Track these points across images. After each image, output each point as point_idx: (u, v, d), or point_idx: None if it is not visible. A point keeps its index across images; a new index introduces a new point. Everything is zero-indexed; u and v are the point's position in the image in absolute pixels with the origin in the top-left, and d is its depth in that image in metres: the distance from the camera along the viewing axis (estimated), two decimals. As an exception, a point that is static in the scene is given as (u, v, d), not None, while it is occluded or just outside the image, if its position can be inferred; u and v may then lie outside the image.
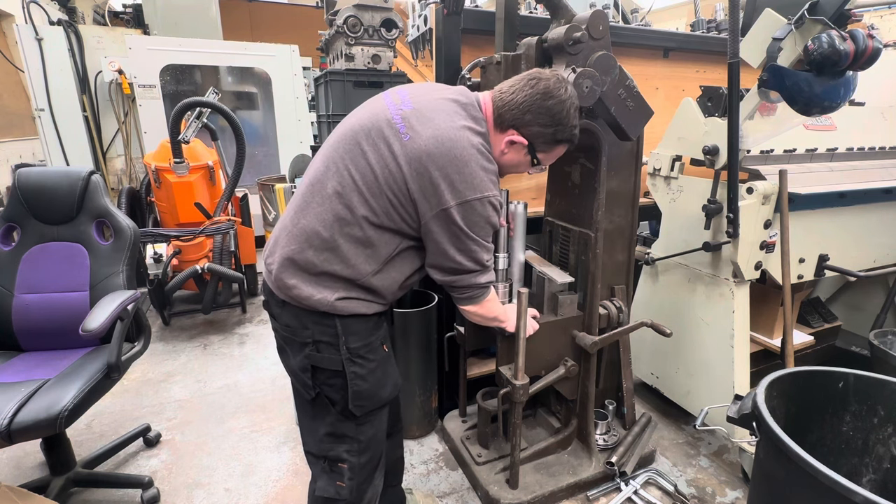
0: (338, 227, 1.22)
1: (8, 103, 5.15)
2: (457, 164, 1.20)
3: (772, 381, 1.40)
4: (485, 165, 1.24)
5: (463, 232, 1.24)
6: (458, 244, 1.26)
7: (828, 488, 1.03)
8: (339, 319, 1.27)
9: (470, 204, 1.22)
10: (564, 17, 1.61)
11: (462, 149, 1.21)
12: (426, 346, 2.23)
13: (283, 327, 1.32)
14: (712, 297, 2.14)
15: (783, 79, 1.71)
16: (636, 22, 3.23)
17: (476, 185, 1.22)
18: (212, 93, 3.48)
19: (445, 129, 1.22)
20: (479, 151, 1.24)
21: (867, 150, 2.35)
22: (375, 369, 1.32)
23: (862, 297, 2.80)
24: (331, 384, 1.29)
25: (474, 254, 1.29)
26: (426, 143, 1.20)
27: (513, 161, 1.37)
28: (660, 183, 2.33)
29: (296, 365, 1.31)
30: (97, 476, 2.02)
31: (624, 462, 2.02)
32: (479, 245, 1.29)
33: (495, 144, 1.34)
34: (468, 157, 1.21)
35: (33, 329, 1.93)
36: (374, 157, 1.22)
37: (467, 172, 1.21)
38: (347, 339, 1.28)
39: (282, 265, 1.26)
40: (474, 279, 1.34)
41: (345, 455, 1.34)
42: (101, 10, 4.58)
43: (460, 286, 1.35)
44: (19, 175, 1.96)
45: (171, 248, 3.21)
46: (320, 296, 1.24)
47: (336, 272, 1.24)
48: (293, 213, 1.29)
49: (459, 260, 1.28)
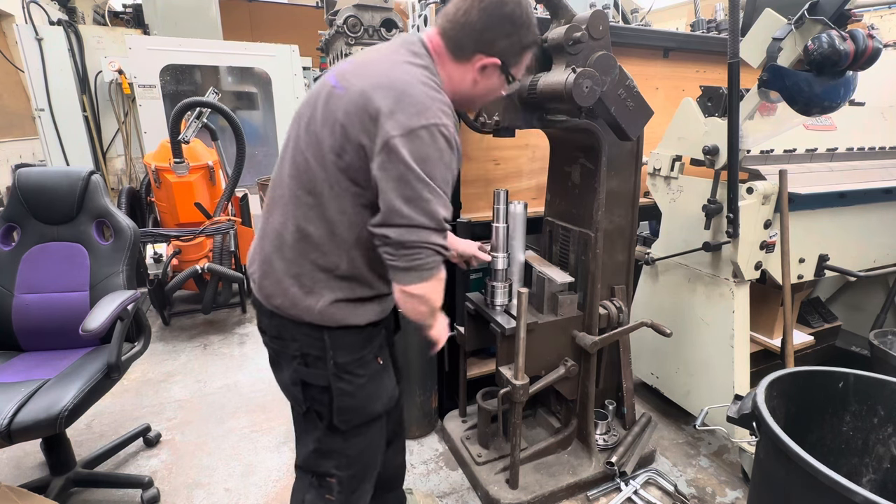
0: (302, 214, 1.15)
1: (8, 103, 5.15)
2: (396, 92, 1.05)
3: (772, 381, 1.40)
4: (430, 93, 1.08)
5: (412, 172, 1.03)
6: (405, 191, 1.04)
7: (828, 488, 1.03)
8: (327, 332, 1.20)
9: (416, 134, 1.03)
10: (564, 17, 1.61)
11: (400, 79, 1.08)
12: (426, 346, 2.23)
13: (272, 340, 1.27)
14: (712, 297, 2.14)
15: (783, 79, 1.71)
16: (636, 22, 3.24)
17: (421, 111, 1.04)
18: (212, 93, 3.48)
19: (381, 67, 1.11)
20: (423, 81, 1.09)
21: (867, 150, 2.35)
22: (365, 384, 1.25)
23: (862, 297, 2.80)
24: (319, 399, 1.24)
25: (428, 204, 1.06)
26: (361, 83, 1.08)
27: (489, 87, 1.24)
28: (660, 183, 2.33)
29: (286, 378, 1.27)
30: (97, 476, 2.02)
31: (624, 462, 2.02)
32: (432, 192, 1.06)
33: (461, 78, 1.20)
34: (408, 83, 1.07)
35: (33, 329, 1.94)
36: (318, 124, 1.12)
37: (409, 99, 1.05)
38: (336, 354, 1.21)
39: (262, 272, 1.22)
40: (428, 235, 1.08)
41: (333, 470, 1.30)
42: (101, 10, 4.58)
43: (409, 243, 1.07)
44: (19, 175, 1.96)
45: (171, 248, 3.21)
46: (305, 304, 1.17)
47: (315, 263, 1.16)
48: (264, 216, 1.25)
49: (408, 213, 1.05)
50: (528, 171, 2.41)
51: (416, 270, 1.11)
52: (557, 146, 2.05)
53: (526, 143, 2.35)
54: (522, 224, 1.92)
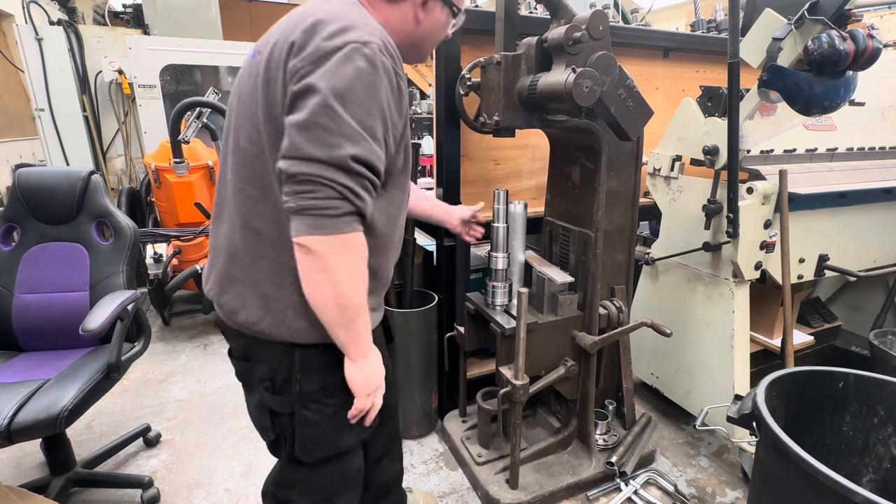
0: (249, 210, 1.01)
1: (8, 103, 5.15)
2: (310, 23, 0.91)
3: (772, 381, 1.40)
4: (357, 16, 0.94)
5: (316, 97, 0.85)
6: (304, 118, 0.86)
7: (828, 488, 1.03)
8: (298, 351, 1.06)
9: (327, 55, 0.86)
10: (564, 17, 1.61)
11: (314, 11, 0.93)
12: (426, 346, 2.23)
13: (239, 361, 1.16)
14: (712, 297, 2.14)
15: (783, 79, 1.71)
16: (636, 22, 3.24)
17: (337, 31, 0.89)
18: (212, 93, 3.48)
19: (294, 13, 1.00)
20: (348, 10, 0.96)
21: (867, 150, 2.35)
22: (333, 416, 1.10)
23: (862, 297, 2.80)
24: (287, 426, 1.12)
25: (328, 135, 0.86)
26: (276, 37, 0.96)
27: (433, 24, 1.12)
28: (660, 183, 2.33)
29: (252, 403, 1.16)
30: (97, 476, 2.02)
31: (624, 462, 2.02)
32: (339, 122, 0.86)
33: (400, 20, 1.07)
34: (323, 13, 0.92)
35: (33, 329, 1.94)
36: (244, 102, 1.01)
37: (324, 23, 0.90)
38: (302, 379, 1.07)
39: (220, 288, 1.09)
40: (329, 172, 0.86)
41: (296, 498, 1.20)
42: (101, 10, 4.58)
43: (303, 178, 0.86)
44: (19, 175, 1.96)
45: (171, 248, 3.21)
46: (269, 319, 1.04)
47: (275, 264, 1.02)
48: (214, 227, 1.13)
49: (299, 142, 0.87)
50: (528, 171, 2.41)
51: (309, 214, 0.87)
52: (557, 146, 2.05)
53: (526, 143, 2.35)
54: (522, 224, 1.92)
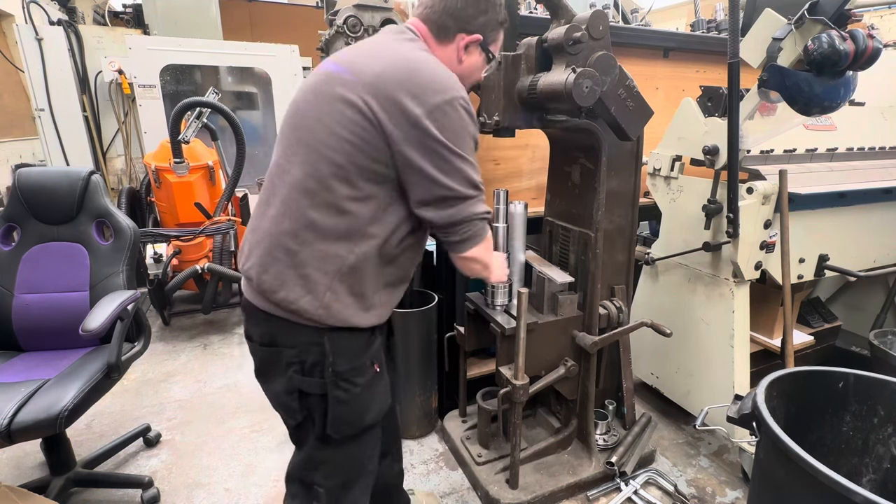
0: (306, 200, 1.12)
1: (8, 103, 5.15)
2: (413, 73, 1.10)
3: (772, 381, 1.40)
4: (443, 69, 1.14)
5: (442, 145, 1.10)
6: (441, 164, 1.11)
7: (828, 488, 1.03)
8: (328, 336, 1.16)
9: (441, 109, 1.09)
10: (564, 17, 1.61)
11: (413, 60, 1.12)
12: (426, 346, 2.23)
13: (264, 347, 1.22)
14: (712, 297, 2.14)
15: (783, 79, 1.71)
16: (636, 22, 3.23)
17: (439, 87, 1.10)
18: (212, 93, 3.48)
19: (389, 52, 1.15)
20: (433, 60, 1.16)
21: (867, 150, 2.35)
22: (360, 393, 1.22)
23: (862, 297, 2.80)
24: (315, 408, 1.21)
25: (463, 172, 1.13)
26: (373, 68, 1.11)
27: (472, 65, 1.31)
28: (660, 183, 2.32)
29: (279, 388, 1.22)
30: (97, 476, 2.02)
31: (624, 462, 2.02)
32: (464, 161, 1.13)
33: (447, 59, 1.26)
34: (422, 61, 1.12)
35: (33, 329, 1.94)
36: (324, 110, 1.12)
37: (426, 77, 1.10)
38: (335, 361, 1.17)
39: (262, 266, 1.16)
40: (472, 208, 1.17)
41: (320, 479, 1.27)
42: (101, 10, 4.58)
43: (459, 220, 1.16)
44: (19, 175, 1.96)
45: (171, 248, 3.20)
46: (308, 298, 1.13)
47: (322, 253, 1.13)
48: (260, 209, 1.21)
49: (449, 183, 1.12)
50: (528, 171, 2.41)
51: (471, 240, 1.20)
52: (557, 146, 2.05)
53: (526, 143, 2.35)
54: (522, 224, 1.92)
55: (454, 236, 1.19)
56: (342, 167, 1.10)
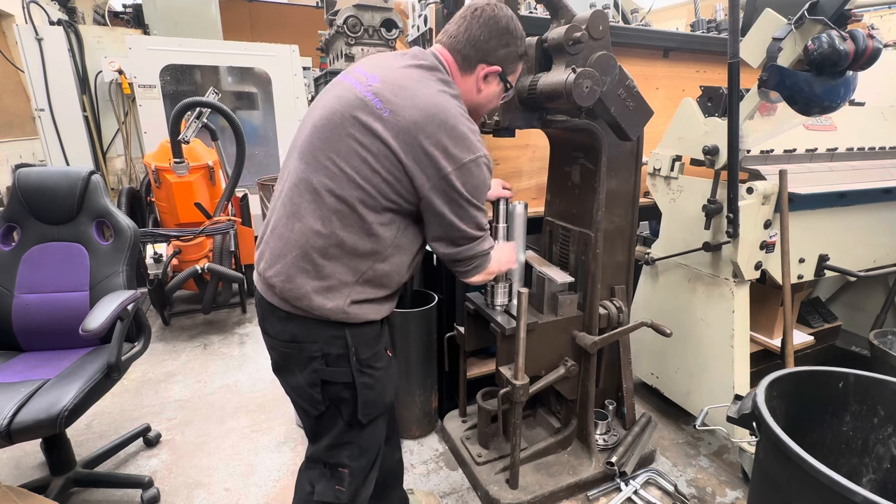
0: (336, 221, 1.20)
1: (8, 103, 5.15)
2: (446, 130, 1.18)
3: (772, 381, 1.40)
4: (471, 127, 1.23)
5: (463, 198, 1.22)
6: (459, 212, 1.24)
7: (828, 488, 1.03)
8: (348, 329, 1.25)
9: (467, 167, 1.20)
10: (564, 18, 1.61)
11: (447, 113, 1.19)
12: (426, 346, 2.23)
13: (286, 343, 1.28)
14: (712, 297, 2.14)
15: (783, 79, 1.71)
16: (636, 22, 3.23)
17: (468, 146, 1.20)
18: (212, 93, 3.48)
19: (425, 97, 1.20)
20: (462, 114, 1.23)
21: (867, 150, 2.35)
22: (382, 377, 1.33)
23: (862, 297, 2.80)
24: (341, 396, 1.28)
25: (476, 219, 1.28)
26: (410, 114, 1.17)
27: (490, 95, 1.37)
28: (660, 183, 2.32)
29: (303, 381, 1.28)
30: (97, 476, 2.02)
31: (624, 462, 2.02)
32: (478, 210, 1.27)
33: (468, 88, 1.33)
34: (455, 121, 1.19)
35: (33, 329, 1.94)
36: (358, 139, 1.18)
37: (457, 136, 1.19)
38: (358, 350, 1.27)
39: (288, 275, 1.22)
40: (478, 247, 1.32)
41: (346, 460, 1.34)
42: (101, 10, 4.58)
43: (466, 257, 1.32)
44: (19, 175, 1.96)
45: (171, 248, 3.20)
46: (333, 304, 1.21)
47: (346, 268, 1.22)
48: (286, 219, 1.25)
49: (463, 228, 1.27)
50: (528, 171, 2.41)
51: (475, 270, 1.36)
52: (557, 146, 2.05)
53: (526, 143, 2.35)
54: (523, 224, 1.92)
55: (461, 267, 1.35)
56: (371, 196, 1.19)
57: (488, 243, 1.35)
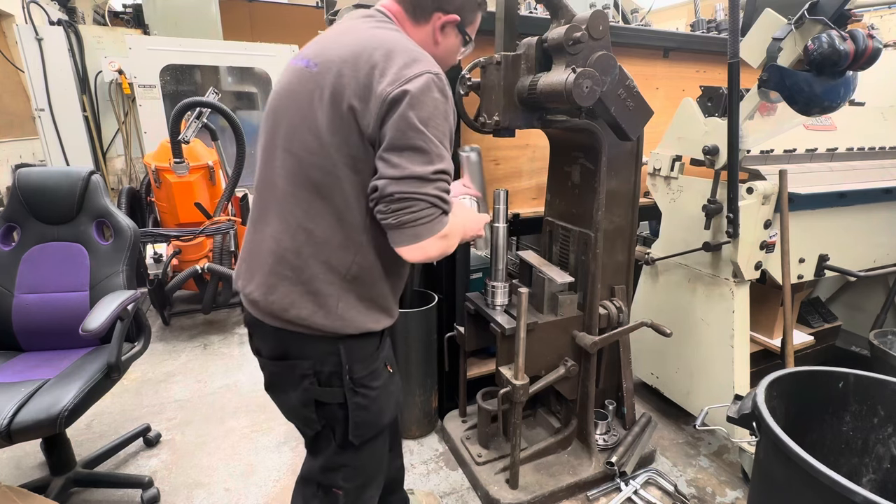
0: (300, 213, 1.08)
1: (8, 103, 5.15)
2: (383, 49, 1.03)
3: (772, 381, 1.40)
4: (417, 47, 1.08)
5: (406, 121, 1.00)
6: (398, 140, 1.00)
7: (828, 488, 1.03)
8: (343, 344, 1.14)
9: (411, 82, 1.00)
10: (564, 17, 1.61)
11: (383, 37, 1.06)
12: (426, 346, 2.23)
13: (275, 361, 1.19)
14: (712, 297, 2.14)
15: (783, 79, 1.71)
16: (636, 22, 3.23)
17: (412, 61, 1.03)
18: (212, 93, 3.48)
19: (353, 35, 1.08)
20: (406, 38, 1.09)
21: (867, 150, 2.35)
22: (378, 396, 1.22)
23: (862, 297, 2.80)
24: (335, 416, 1.19)
25: (421, 153, 1.01)
26: (342, 53, 1.04)
27: (448, 47, 1.24)
28: (660, 183, 2.32)
29: (294, 401, 1.20)
30: (97, 476, 2.02)
31: (624, 462, 2.02)
32: (427, 141, 1.01)
33: (423, 40, 1.19)
34: (393, 40, 1.06)
35: (33, 329, 1.94)
36: (299, 112, 1.07)
37: (398, 52, 1.03)
38: (352, 368, 1.16)
39: (268, 287, 1.12)
40: (421, 185, 1.01)
41: (340, 482, 1.26)
42: (101, 10, 4.58)
43: (400, 196, 1.00)
44: (19, 175, 1.96)
45: (171, 248, 3.20)
46: (321, 312, 1.10)
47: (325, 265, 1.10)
48: (253, 225, 1.17)
49: (398, 161, 1.00)
50: (528, 171, 2.41)
51: (409, 227, 1.03)
52: (557, 146, 2.05)
53: (526, 143, 2.35)
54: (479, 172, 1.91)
55: (391, 217, 1.03)
56: (326, 171, 1.06)
57: (436, 188, 1.04)
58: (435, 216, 1.05)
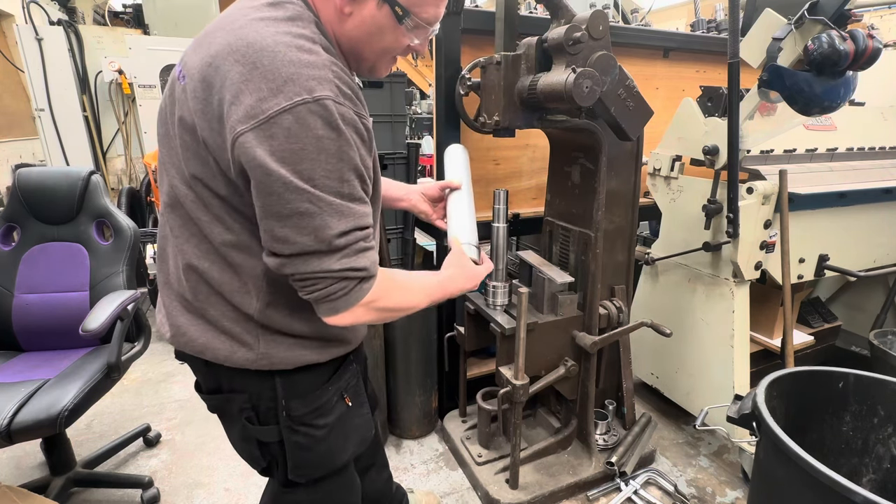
0: (190, 250, 0.92)
1: (8, 103, 5.15)
2: (241, 67, 0.76)
3: (772, 381, 1.40)
4: (295, 56, 0.77)
5: (277, 178, 0.75)
6: (276, 206, 0.78)
7: (828, 488, 1.03)
8: (279, 378, 0.98)
9: (273, 121, 0.74)
10: (564, 17, 1.61)
11: (248, 42, 0.78)
12: (426, 346, 2.23)
13: (210, 395, 1.07)
14: (712, 297, 2.14)
15: (783, 79, 1.71)
16: (636, 22, 3.24)
17: (279, 85, 0.75)
18: (212, 93, 3.48)
19: (224, 35, 0.81)
20: (285, 41, 0.78)
21: (867, 150, 2.35)
22: (327, 435, 1.05)
23: (862, 297, 2.80)
24: (276, 454, 1.07)
25: (309, 219, 0.78)
26: (199, 62, 0.82)
27: (366, 23, 0.88)
28: (660, 183, 2.32)
29: (237, 435, 1.08)
30: (97, 476, 2.02)
31: (624, 462, 2.02)
32: (314, 201, 0.78)
33: (328, 15, 0.88)
34: (261, 49, 0.77)
35: (33, 329, 1.94)
36: (170, 131, 0.90)
37: (261, 71, 0.75)
38: (289, 405, 0.99)
39: (176, 328, 0.98)
40: (320, 262, 0.82)
41: None
42: (101, 10, 4.58)
43: (301, 276, 0.84)
44: (19, 175, 1.96)
45: (171, 248, 3.20)
46: (242, 350, 0.95)
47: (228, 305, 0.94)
48: (159, 263, 1.03)
49: (285, 235, 0.80)
50: (528, 171, 2.41)
51: (323, 302, 0.87)
52: (557, 146, 2.05)
53: (526, 143, 2.35)
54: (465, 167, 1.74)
55: (304, 293, 0.88)
56: (206, 211, 0.88)
57: (339, 260, 0.83)
58: (349, 288, 0.86)
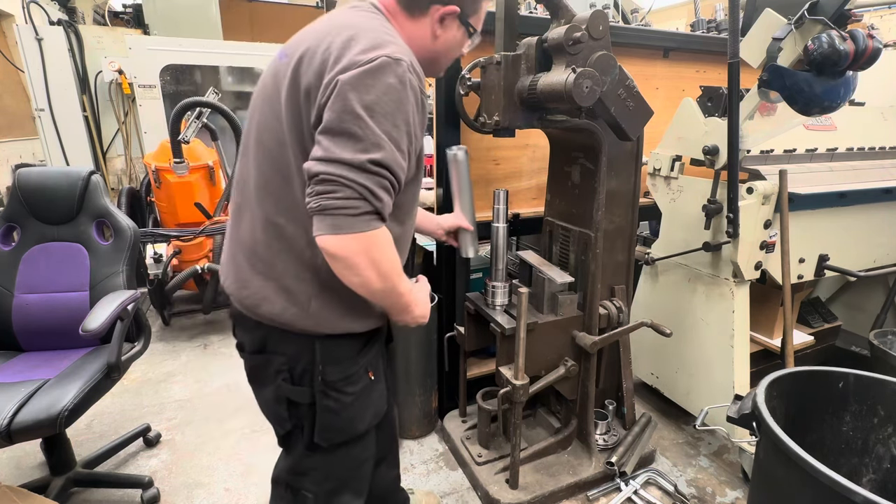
0: (271, 206, 1.05)
1: (8, 103, 5.14)
2: (346, 34, 0.97)
3: (772, 381, 1.40)
4: (388, 35, 0.99)
5: (347, 106, 0.91)
6: (334, 125, 0.91)
7: (828, 488, 1.03)
8: (319, 343, 1.10)
9: (363, 68, 0.91)
10: (564, 17, 1.61)
11: (348, 24, 1.00)
12: (426, 346, 2.23)
13: (253, 354, 1.17)
14: (712, 297, 2.14)
15: (783, 79, 1.71)
16: (636, 22, 3.24)
17: (373, 45, 0.94)
18: (212, 93, 3.48)
19: (326, 23, 1.04)
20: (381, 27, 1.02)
21: (867, 150, 2.35)
22: (352, 402, 1.16)
23: (862, 297, 2.80)
24: (304, 416, 1.16)
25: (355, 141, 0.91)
26: (309, 41, 1.00)
27: (450, 41, 1.16)
28: (660, 183, 2.32)
29: (269, 396, 1.17)
30: (97, 476, 2.02)
31: (624, 462, 2.02)
32: (367, 129, 0.91)
33: (421, 35, 1.12)
34: (362, 25, 0.99)
35: (33, 329, 1.94)
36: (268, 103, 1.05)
37: (361, 36, 0.96)
38: (325, 370, 1.11)
39: (240, 283, 1.11)
40: (350, 172, 0.90)
41: (309, 485, 1.23)
42: (101, 10, 4.58)
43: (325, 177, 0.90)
44: (19, 175, 1.96)
45: (171, 248, 3.20)
46: (294, 310, 1.07)
47: (296, 260, 1.06)
48: (233, 221, 1.16)
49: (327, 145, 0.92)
50: (528, 171, 2.41)
51: (329, 213, 0.91)
52: (557, 146, 2.05)
53: (526, 143, 2.35)
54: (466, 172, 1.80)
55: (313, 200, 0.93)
56: (289, 164, 1.03)
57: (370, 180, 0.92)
58: (360, 210, 0.92)
